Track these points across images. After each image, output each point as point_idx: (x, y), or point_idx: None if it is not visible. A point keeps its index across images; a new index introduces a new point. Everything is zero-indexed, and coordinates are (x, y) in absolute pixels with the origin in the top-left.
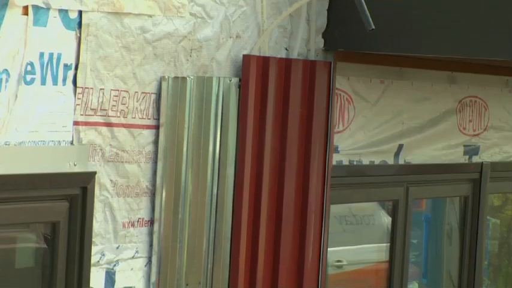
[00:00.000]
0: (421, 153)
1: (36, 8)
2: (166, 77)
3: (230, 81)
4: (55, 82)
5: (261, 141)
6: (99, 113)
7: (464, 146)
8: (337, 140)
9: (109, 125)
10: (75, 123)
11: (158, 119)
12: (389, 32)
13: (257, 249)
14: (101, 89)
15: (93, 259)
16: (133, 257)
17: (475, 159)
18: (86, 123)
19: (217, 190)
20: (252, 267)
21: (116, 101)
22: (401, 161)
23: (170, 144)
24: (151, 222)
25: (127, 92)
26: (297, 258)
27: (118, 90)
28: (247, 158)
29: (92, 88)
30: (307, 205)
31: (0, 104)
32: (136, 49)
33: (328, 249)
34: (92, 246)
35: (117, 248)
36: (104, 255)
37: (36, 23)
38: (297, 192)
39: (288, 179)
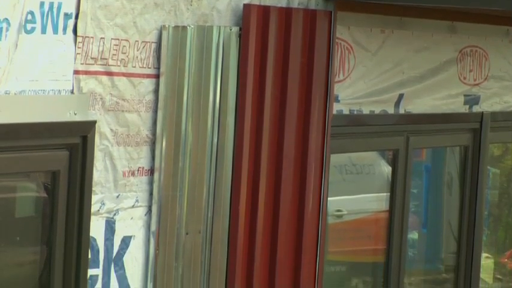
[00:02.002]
0: (421, 103)
1: None
2: (167, 26)
3: (231, 30)
4: (55, 31)
5: (261, 90)
6: (99, 62)
7: (465, 95)
8: (338, 89)
9: (109, 74)
10: (76, 72)
11: (158, 68)
12: None
13: (257, 198)
14: (101, 38)
15: (93, 208)
16: (133, 206)
17: (476, 109)
18: (86, 72)
19: (218, 139)
20: (252, 216)
21: (116, 50)
22: (401, 111)
23: (170, 93)
24: (152, 171)
25: (127, 41)
26: (297, 208)
27: (118, 39)
28: (247, 107)
29: (92, 37)
30: (307, 154)
31: (0, 53)
32: None
33: (328, 198)
34: (92, 195)
35: (117, 197)
36: (104, 204)
37: None
38: (297, 141)
39: (288, 128)
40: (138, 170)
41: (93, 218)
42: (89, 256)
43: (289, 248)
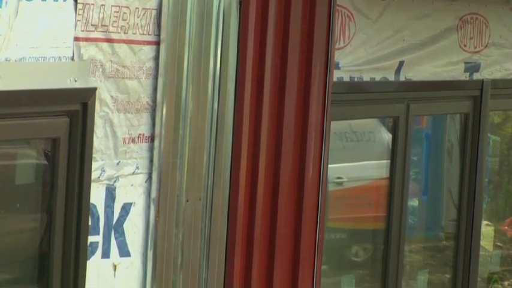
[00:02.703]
0: (421, 70)
1: None
2: None
3: None
4: None
5: (261, 57)
6: (99, 29)
7: (465, 63)
8: (338, 56)
9: (110, 40)
10: (76, 39)
11: (159, 35)
12: None
13: (257, 165)
14: (101, 4)
15: (94, 175)
16: (133, 173)
17: (476, 76)
18: (87, 39)
19: (218, 106)
20: (252, 183)
21: (117, 16)
22: (402, 78)
23: (171, 60)
24: (152, 138)
25: (128, 7)
26: (297, 175)
27: (119, 6)
28: (247, 74)
29: (92, 4)
30: (308, 121)
31: (0, 20)
32: None
33: (328, 165)
34: (92, 162)
35: (118, 164)
36: (104, 171)
37: None
38: (297, 108)
39: (289, 96)
40: (138, 137)
41: (93, 185)
42: (89, 223)
43: (290, 215)
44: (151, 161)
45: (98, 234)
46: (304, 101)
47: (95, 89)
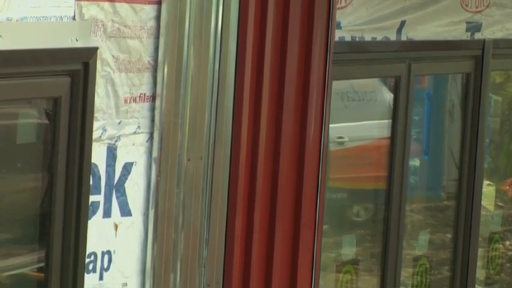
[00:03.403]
0: (423, 30)
1: None
2: None
3: None
4: None
5: (262, 16)
6: None
7: (467, 22)
8: (340, 16)
9: (111, 0)
10: None
11: None
12: None
13: (259, 123)
14: None
15: (95, 134)
16: (135, 133)
17: (477, 36)
18: None
19: (219, 65)
20: (254, 141)
21: None
22: (403, 37)
23: (172, 19)
24: (153, 97)
25: None
26: (299, 134)
27: None
28: (249, 33)
29: None
30: (309, 81)
31: None
32: None
33: (330, 125)
34: (94, 122)
35: (119, 123)
36: (105, 130)
37: None
38: (299, 68)
39: (290, 55)
40: (139, 97)
41: (94, 145)
42: (91, 182)
43: (291, 175)
44: (152, 120)
45: (99, 193)
46: (305, 60)
47: (96, 48)
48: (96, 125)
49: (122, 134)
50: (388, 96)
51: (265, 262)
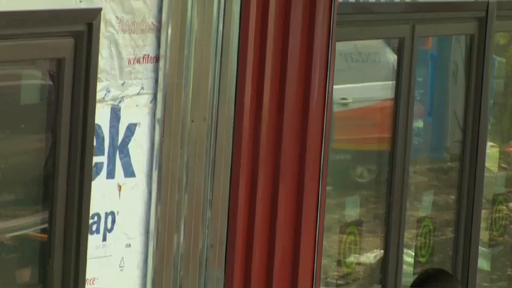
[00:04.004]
0: None
1: None
2: None
3: None
4: None
5: None
6: None
7: None
8: None
9: None
10: None
11: None
12: None
13: (262, 84)
14: None
15: (99, 95)
16: (138, 94)
17: None
18: None
19: (223, 26)
20: (258, 103)
21: None
22: None
23: None
24: (157, 58)
25: None
26: (302, 95)
27: None
28: None
29: None
30: (313, 42)
31: None
32: None
33: (334, 86)
34: (97, 83)
35: (123, 84)
36: (109, 91)
37: None
38: (303, 29)
39: (294, 16)
40: (143, 58)
41: (98, 106)
42: (94, 143)
43: (295, 136)
44: (156, 81)
45: (103, 154)
46: (309, 21)
47: (100, 9)
48: (99, 86)
49: (125, 95)
50: (392, 57)
51: (268, 222)
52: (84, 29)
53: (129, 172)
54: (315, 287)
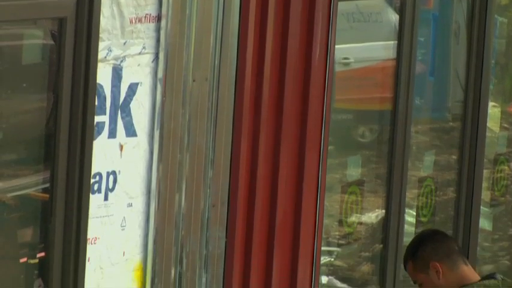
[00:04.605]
0: None
1: None
2: None
3: None
4: None
5: None
6: None
7: None
8: None
9: None
10: None
11: None
12: None
13: (264, 45)
14: None
15: (100, 55)
16: (140, 53)
17: None
18: None
19: None
20: (259, 62)
21: None
22: None
23: None
24: (159, 18)
25: None
26: (304, 56)
27: None
28: None
29: None
30: (315, 2)
31: None
32: None
33: (335, 46)
34: (99, 42)
35: (124, 43)
36: (111, 51)
37: None
38: None
39: None
40: (145, 17)
41: (100, 65)
42: (96, 103)
43: (296, 95)
44: (158, 40)
45: (105, 114)
46: None
47: None
48: (101, 45)
49: (127, 55)
50: (394, 17)
51: (270, 182)
52: None
53: (130, 131)
54: (316, 246)
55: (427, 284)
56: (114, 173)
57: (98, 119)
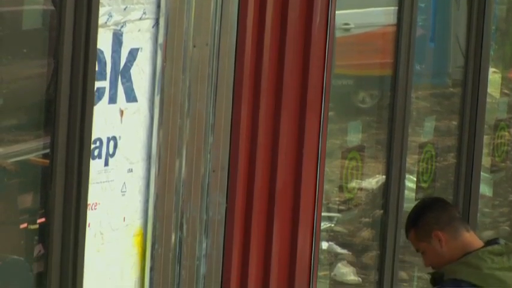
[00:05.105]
0: None
1: None
2: None
3: None
4: None
5: None
6: None
7: None
8: None
9: None
10: None
11: None
12: None
13: (265, 9)
14: None
15: (101, 20)
16: (140, 19)
17: None
18: None
19: None
20: (260, 26)
21: None
22: None
23: None
24: None
25: None
26: (305, 21)
27: None
28: None
29: None
30: None
31: None
32: None
33: (336, 12)
34: (99, 8)
35: (125, 9)
36: (111, 16)
37: None
38: None
39: None
40: None
41: (100, 31)
42: (96, 68)
43: (297, 60)
44: (158, 6)
45: (105, 79)
46: None
47: None
48: (101, 10)
49: (127, 20)
50: None
51: (270, 147)
52: None
53: (131, 97)
54: (316, 212)
55: (430, 252)
56: (114, 138)
57: (98, 84)
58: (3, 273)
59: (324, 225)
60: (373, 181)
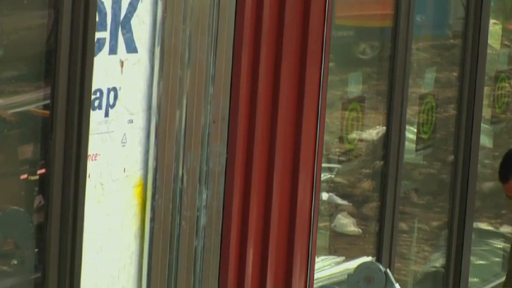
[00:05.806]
0: None
1: None
2: None
3: None
4: None
5: None
6: None
7: None
8: None
9: None
10: None
11: None
12: None
13: None
14: None
15: None
16: None
17: None
18: None
19: None
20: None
21: None
22: None
23: None
24: None
25: None
26: None
27: None
28: None
29: None
30: None
31: None
32: None
33: None
34: None
35: None
36: None
37: None
38: None
39: None
40: None
41: None
42: (97, 19)
43: (298, 9)
44: None
45: (105, 30)
46: None
47: None
48: None
49: None
50: None
51: (271, 97)
52: None
53: (131, 48)
54: (316, 163)
55: None
56: (114, 89)
57: (98, 35)
58: (3, 223)
59: (324, 176)
60: (374, 132)
